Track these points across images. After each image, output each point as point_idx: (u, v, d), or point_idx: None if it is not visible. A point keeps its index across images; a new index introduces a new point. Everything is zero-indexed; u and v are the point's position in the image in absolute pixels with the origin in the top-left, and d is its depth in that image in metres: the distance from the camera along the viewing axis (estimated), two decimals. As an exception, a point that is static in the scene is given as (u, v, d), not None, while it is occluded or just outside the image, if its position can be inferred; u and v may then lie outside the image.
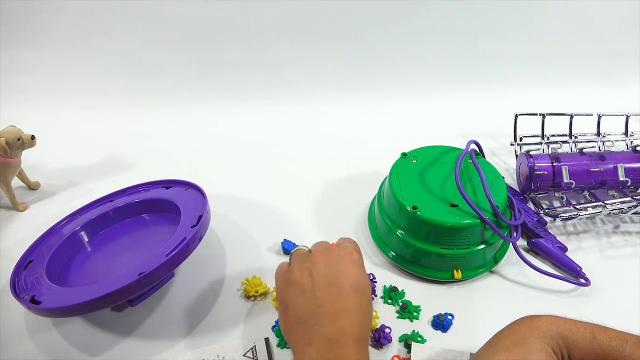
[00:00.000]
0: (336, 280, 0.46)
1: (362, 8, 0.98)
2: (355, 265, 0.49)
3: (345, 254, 0.49)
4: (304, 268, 0.48)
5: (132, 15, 0.95)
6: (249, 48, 0.99)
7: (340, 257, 0.49)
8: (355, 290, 0.46)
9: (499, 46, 1.04)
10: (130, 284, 0.48)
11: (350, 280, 0.47)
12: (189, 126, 0.93)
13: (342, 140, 0.90)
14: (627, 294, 0.61)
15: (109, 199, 0.70)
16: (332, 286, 0.46)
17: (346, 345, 0.42)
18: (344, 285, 0.46)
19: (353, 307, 0.45)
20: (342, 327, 0.43)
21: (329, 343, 0.42)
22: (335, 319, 0.44)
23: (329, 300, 0.45)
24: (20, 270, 0.58)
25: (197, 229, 0.54)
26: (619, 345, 0.41)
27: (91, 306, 0.49)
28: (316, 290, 0.46)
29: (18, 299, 0.52)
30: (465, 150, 0.65)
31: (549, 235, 0.67)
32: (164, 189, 0.69)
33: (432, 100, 1.01)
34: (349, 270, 0.48)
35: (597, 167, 0.73)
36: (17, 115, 0.86)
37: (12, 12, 0.93)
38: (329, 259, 0.49)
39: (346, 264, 0.48)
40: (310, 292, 0.46)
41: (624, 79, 1.04)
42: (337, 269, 0.48)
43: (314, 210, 0.74)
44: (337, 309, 0.44)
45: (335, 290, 0.46)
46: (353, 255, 0.50)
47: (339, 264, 0.48)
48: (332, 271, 0.47)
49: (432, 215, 0.59)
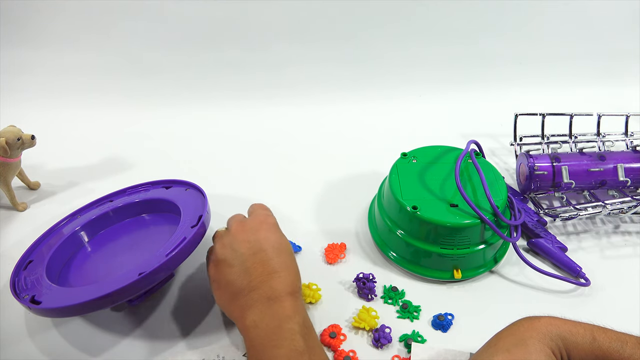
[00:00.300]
0: (259, 248, 0.51)
1: (362, 8, 0.98)
2: (272, 228, 0.54)
3: (261, 221, 0.54)
4: (225, 244, 0.52)
5: (132, 15, 0.95)
6: (249, 48, 0.99)
7: (257, 226, 0.54)
8: (279, 252, 0.51)
9: (499, 46, 1.04)
10: (130, 284, 0.48)
11: (272, 244, 0.52)
12: (189, 126, 0.93)
13: (342, 140, 0.90)
14: (627, 294, 0.61)
15: (109, 199, 0.70)
16: (257, 254, 0.50)
17: (282, 299, 0.47)
18: (268, 250, 0.51)
19: (280, 267, 0.50)
20: (275, 286, 0.48)
21: (267, 301, 0.47)
22: (267, 281, 0.48)
23: (258, 267, 0.49)
24: (20, 270, 0.58)
25: (197, 229, 0.54)
26: (619, 347, 0.41)
27: (91, 306, 0.48)
28: (244, 262, 0.50)
29: (18, 299, 0.52)
30: (465, 150, 0.65)
31: (549, 235, 0.67)
32: (164, 189, 0.69)
33: (432, 100, 1.01)
34: (268, 236, 0.52)
35: (597, 167, 0.73)
36: (17, 115, 0.86)
37: (12, 12, 0.93)
38: (247, 230, 0.53)
39: (264, 231, 0.53)
40: (238, 264, 0.50)
41: (624, 79, 1.04)
42: (257, 237, 0.52)
43: (314, 210, 0.74)
44: (268, 272, 0.49)
45: (261, 256, 0.50)
46: (268, 220, 0.55)
47: (257, 232, 0.53)
48: (253, 240, 0.52)
49: (432, 215, 0.59)
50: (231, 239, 0.53)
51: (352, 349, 0.54)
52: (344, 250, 0.66)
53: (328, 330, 0.55)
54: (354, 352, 0.54)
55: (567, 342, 0.41)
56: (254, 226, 0.54)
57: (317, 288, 0.60)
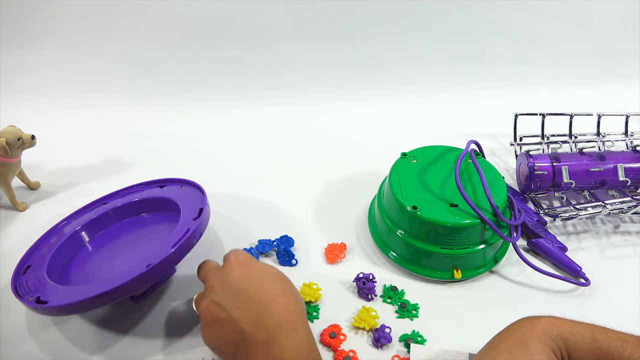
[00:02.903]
0: (239, 289, 0.46)
1: (362, 8, 0.98)
2: (245, 263, 0.49)
3: (232, 264, 0.49)
4: (209, 302, 0.47)
5: (132, 16, 0.95)
6: (249, 48, 0.99)
7: (230, 269, 0.48)
8: (260, 284, 0.47)
9: (499, 46, 1.04)
10: (138, 275, 0.48)
11: (251, 278, 0.47)
12: (188, 126, 0.93)
13: (342, 140, 0.90)
14: (627, 294, 0.61)
15: (102, 202, 0.69)
16: (240, 297, 0.46)
17: (279, 339, 0.42)
18: (248, 288, 0.46)
19: (268, 299, 0.45)
20: (268, 325, 0.43)
21: (264, 348, 0.42)
22: (258, 323, 0.44)
23: (245, 312, 0.45)
24: (20, 275, 0.58)
25: (200, 220, 0.54)
26: (619, 346, 0.41)
27: (99, 301, 0.48)
28: (230, 313, 0.45)
29: (22, 301, 0.52)
30: (465, 150, 0.65)
31: (549, 235, 0.67)
32: (159, 188, 0.69)
33: (432, 100, 1.01)
34: (243, 272, 0.48)
35: (597, 167, 0.73)
36: (17, 116, 0.86)
37: (12, 12, 0.93)
38: (223, 278, 0.48)
39: (238, 270, 0.48)
40: (226, 319, 0.45)
41: (624, 79, 1.04)
42: (233, 280, 0.47)
43: (314, 210, 0.74)
44: (256, 313, 0.44)
45: (244, 298, 0.45)
46: (239, 257, 0.50)
47: (232, 274, 0.48)
48: (230, 284, 0.47)
49: (432, 215, 0.59)
50: (211, 295, 0.47)
51: (352, 348, 0.54)
52: (344, 250, 0.66)
53: (328, 330, 0.55)
54: (354, 352, 0.54)
55: (567, 342, 0.41)
56: (227, 271, 0.48)
57: (317, 288, 0.60)
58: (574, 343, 0.41)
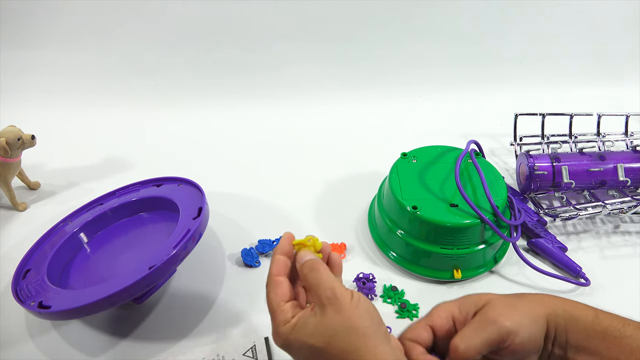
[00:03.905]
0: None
1: (362, 8, 0.98)
2: (283, 337, 0.39)
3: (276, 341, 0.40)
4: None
5: (132, 16, 0.95)
6: (249, 48, 0.99)
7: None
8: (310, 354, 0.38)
9: (499, 46, 1.04)
10: (141, 278, 0.48)
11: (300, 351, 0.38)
12: (188, 126, 0.93)
13: (342, 140, 0.90)
14: (627, 294, 0.61)
15: (98, 203, 0.69)
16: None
17: None
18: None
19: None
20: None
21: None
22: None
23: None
24: (19, 279, 0.57)
25: (200, 219, 0.54)
26: (620, 326, 0.40)
27: (102, 305, 0.48)
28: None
29: (24, 306, 0.51)
30: (465, 150, 0.65)
31: (549, 235, 0.67)
32: (155, 187, 0.68)
33: (432, 100, 1.01)
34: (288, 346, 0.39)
35: (597, 167, 0.73)
36: (17, 115, 0.86)
37: (12, 12, 0.93)
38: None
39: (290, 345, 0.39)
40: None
41: (624, 79, 1.04)
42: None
43: (314, 210, 0.74)
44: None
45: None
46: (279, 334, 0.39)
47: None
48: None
49: (432, 215, 0.59)
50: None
51: (352, 348, 0.54)
52: (344, 250, 0.66)
53: (328, 330, 0.55)
54: (354, 352, 0.53)
55: (568, 314, 0.40)
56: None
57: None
58: (575, 315, 0.40)
